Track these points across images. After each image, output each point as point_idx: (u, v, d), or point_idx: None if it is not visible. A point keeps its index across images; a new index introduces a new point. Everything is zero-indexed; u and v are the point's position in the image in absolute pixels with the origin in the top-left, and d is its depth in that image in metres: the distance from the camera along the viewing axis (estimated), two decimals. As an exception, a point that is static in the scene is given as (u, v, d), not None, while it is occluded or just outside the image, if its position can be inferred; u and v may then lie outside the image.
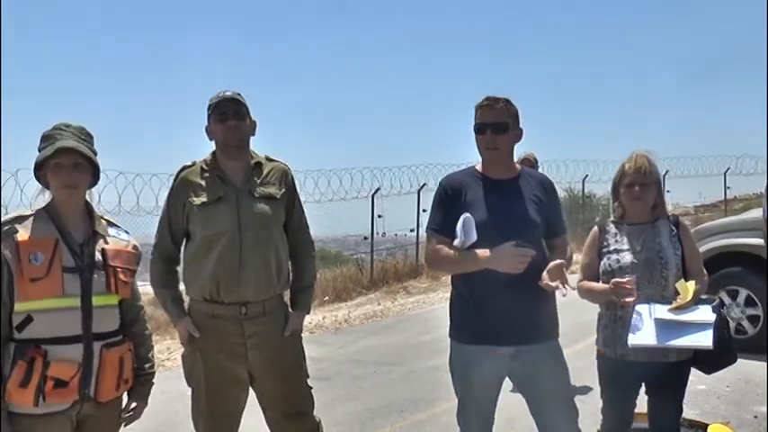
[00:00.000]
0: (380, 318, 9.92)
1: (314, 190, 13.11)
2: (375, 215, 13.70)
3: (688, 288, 2.99)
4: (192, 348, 3.12)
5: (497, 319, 2.87)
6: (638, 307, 3.03)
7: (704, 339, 2.91)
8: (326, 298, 11.49)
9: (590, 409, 3.48)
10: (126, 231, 2.83)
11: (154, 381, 2.90)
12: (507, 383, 3.06)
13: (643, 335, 2.97)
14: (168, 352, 7.88)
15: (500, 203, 2.94)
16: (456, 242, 2.86)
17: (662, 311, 2.99)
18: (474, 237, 2.83)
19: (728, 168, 21.30)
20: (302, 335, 3.33)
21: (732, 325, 6.53)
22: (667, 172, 18.84)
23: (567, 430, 2.97)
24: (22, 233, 2.49)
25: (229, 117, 3.08)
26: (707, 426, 3.79)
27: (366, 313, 10.28)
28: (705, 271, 3.26)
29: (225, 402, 3.13)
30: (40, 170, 2.60)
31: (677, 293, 3.03)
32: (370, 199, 13.57)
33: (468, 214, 2.85)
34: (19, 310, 2.45)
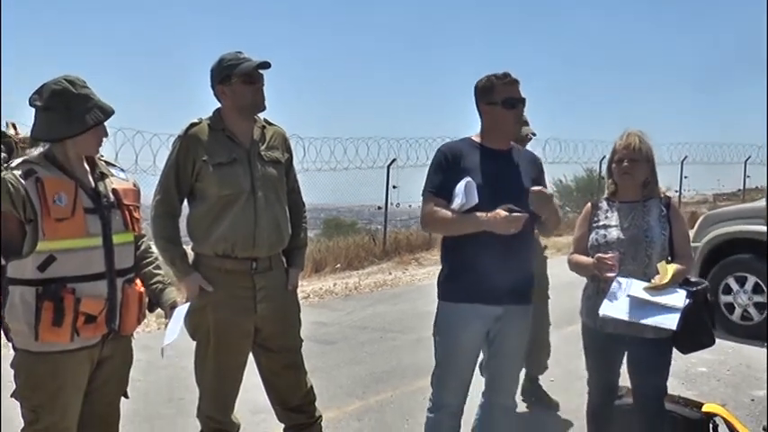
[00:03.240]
0: (390, 287, 10.02)
1: (330, 158, 13.15)
2: (390, 186, 13.73)
3: (668, 270, 3.08)
4: (202, 303, 3.18)
5: (488, 279, 2.99)
6: (618, 277, 3.11)
7: (669, 322, 3.00)
8: (338, 265, 11.59)
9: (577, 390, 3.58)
10: (122, 169, 2.93)
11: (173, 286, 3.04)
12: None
13: (616, 307, 3.07)
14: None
15: (498, 171, 3.06)
16: (455, 204, 2.96)
17: (637, 289, 3.08)
18: (476, 199, 2.94)
19: (749, 157, 21.10)
20: (312, 300, 3.45)
21: (738, 311, 6.58)
22: (686, 157, 18.72)
23: (511, 383, 3.24)
24: (42, 174, 2.54)
25: (258, 80, 3.17)
26: (701, 405, 3.84)
27: (376, 282, 10.37)
28: (693, 255, 3.34)
29: (232, 355, 3.24)
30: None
31: (658, 273, 3.11)
32: (386, 169, 13.59)
33: (469, 179, 2.95)
34: (41, 249, 2.50)
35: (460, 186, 2.94)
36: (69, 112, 2.59)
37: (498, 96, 3.04)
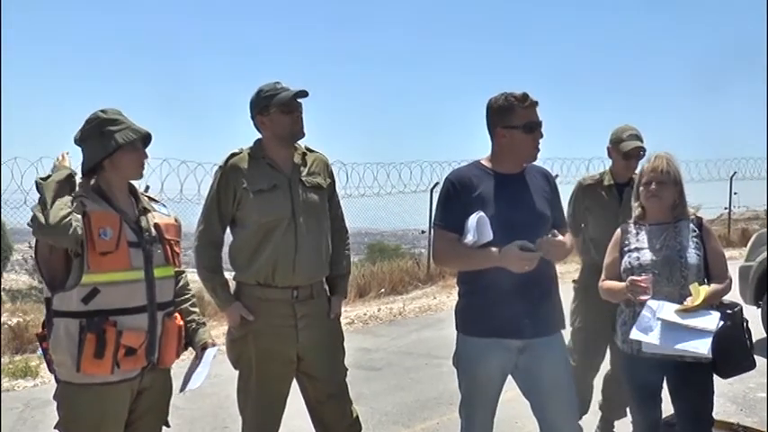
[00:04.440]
0: (435, 311, 9.90)
1: (373, 183, 13.13)
2: (433, 209, 13.52)
3: (700, 291, 2.98)
4: (243, 332, 3.20)
5: (507, 313, 2.86)
6: (649, 302, 3.02)
7: (701, 347, 2.90)
8: (382, 290, 11.53)
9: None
10: (164, 205, 2.97)
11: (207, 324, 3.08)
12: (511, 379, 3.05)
13: (647, 333, 2.99)
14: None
15: (513, 199, 2.92)
16: (467, 239, 2.83)
17: (669, 312, 2.98)
18: (490, 235, 2.80)
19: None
20: (357, 326, 3.41)
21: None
22: (735, 173, 18.23)
23: (568, 425, 2.96)
24: (90, 207, 2.60)
25: (296, 109, 3.19)
26: (764, 433, 3.69)
27: (421, 306, 10.29)
28: (729, 274, 3.22)
29: (274, 384, 3.22)
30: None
31: (691, 295, 3.02)
32: (429, 193, 13.49)
33: (482, 213, 2.82)
34: (86, 282, 2.55)
35: (472, 221, 2.81)
36: (101, 136, 2.68)
37: (519, 120, 2.88)
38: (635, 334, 3.02)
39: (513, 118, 2.89)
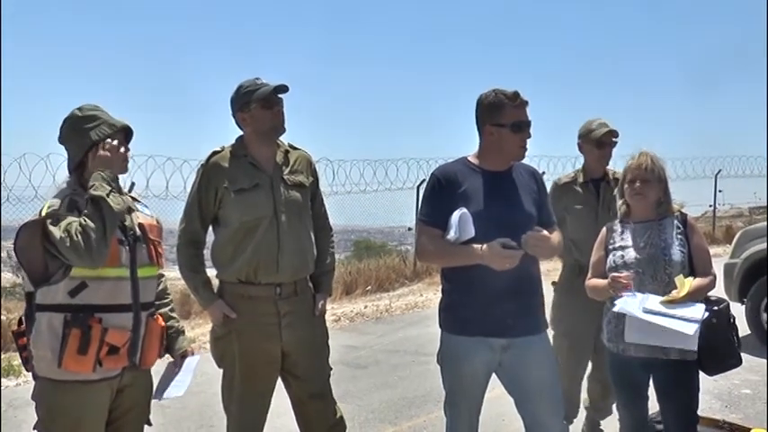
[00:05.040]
0: (422, 308, 9.89)
1: (359, 180, 13.12)
2: (419, 206, 13.53)
3: (685, 283, 2.98)
4: (226, 330, 3.18)
5: (491, 311, 2.85)
6: (636, 294, 3.03)
7: (687, 329, 2.86)
8: (369, 288, 11.53)
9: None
10: (146, 206, 2.95)
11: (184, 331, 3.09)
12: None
13: (629, 305, 2.98)
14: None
15: (499, 196, 2.91)
16: (450, 236, 2.82)
17: (654, 302, 2.98)
18: (472, 232, 2.79)
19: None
20: (343, 323, 3.39)
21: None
22: (720, 171, 18.35)
23: (553, 423, 2.94)
24: (82, 203, 2.57)
25: (276, 104, 3.16)
26: (749, 430, 3.71)
27: (408, 304, 10.29)
28: (714, 270, 3.21)
29: (258, 382, 3.20)
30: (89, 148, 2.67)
31: (676, 288, 3.01)
32: (416, 190, 13.48)
33: (464, 209, 2.81)
34: (74, 275, 2.53)
35: (455, 218, 2.80)
36: (77, 135, 2.66)
37: (507, 119, 2.86)
38: (619, 303, 3.01)
39: (501, 116, 2.87)
